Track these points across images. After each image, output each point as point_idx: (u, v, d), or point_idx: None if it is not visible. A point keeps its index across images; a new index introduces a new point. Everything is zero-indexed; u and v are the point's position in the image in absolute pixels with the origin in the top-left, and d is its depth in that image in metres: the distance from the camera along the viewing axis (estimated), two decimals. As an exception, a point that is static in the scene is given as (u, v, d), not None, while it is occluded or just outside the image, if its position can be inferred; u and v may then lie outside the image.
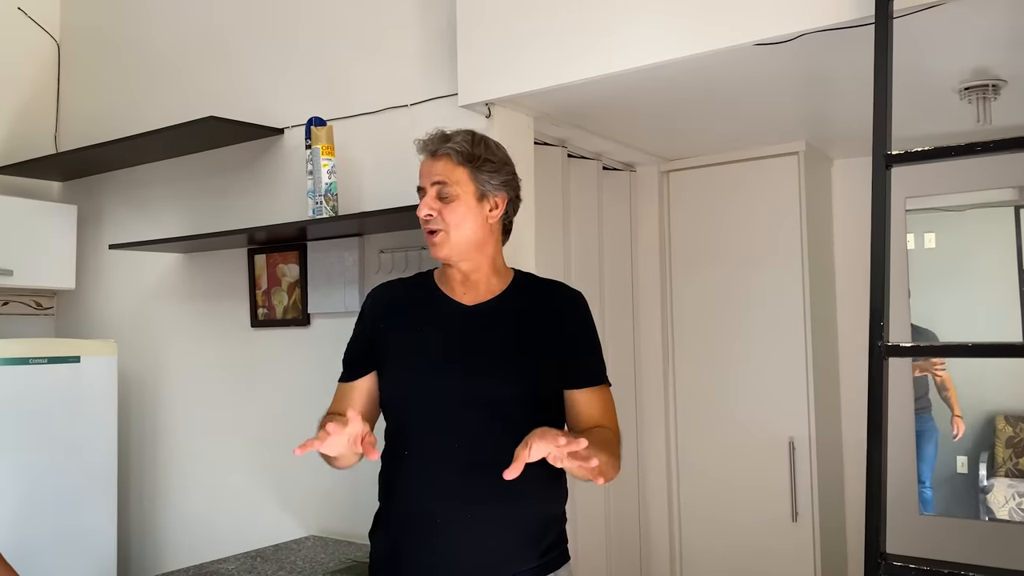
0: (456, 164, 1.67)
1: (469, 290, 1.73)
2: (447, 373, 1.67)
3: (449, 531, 1.62)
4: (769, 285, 2.87)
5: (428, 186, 1.68)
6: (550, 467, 1.61)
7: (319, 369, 2.60)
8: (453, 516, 1.62)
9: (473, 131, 1.73)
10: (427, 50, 2.39)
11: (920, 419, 3.02)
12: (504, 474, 1.35)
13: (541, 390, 1.68)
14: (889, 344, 1.36)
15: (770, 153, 2.88)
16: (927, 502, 3.05)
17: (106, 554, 2.81)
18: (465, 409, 1.64)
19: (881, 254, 1.40)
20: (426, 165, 1.70)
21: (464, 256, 1.69)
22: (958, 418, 3.04)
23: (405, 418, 1.71)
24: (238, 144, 2.81)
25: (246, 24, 2.85)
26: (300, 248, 2.64)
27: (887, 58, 1.48)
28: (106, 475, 2.83)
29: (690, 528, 3.00)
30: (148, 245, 2.74)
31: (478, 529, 1.61)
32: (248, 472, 2.77)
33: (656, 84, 2.15)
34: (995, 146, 1.34)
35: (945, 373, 3.02)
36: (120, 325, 3.15)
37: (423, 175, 1.70)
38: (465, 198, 1.67)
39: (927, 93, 2.29)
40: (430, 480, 1.66)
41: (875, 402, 1.34)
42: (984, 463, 3.03)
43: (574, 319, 1.76)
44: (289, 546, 2.45)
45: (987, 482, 3.02)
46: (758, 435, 2.85)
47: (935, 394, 3.05)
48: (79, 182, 3.34)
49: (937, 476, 3.06)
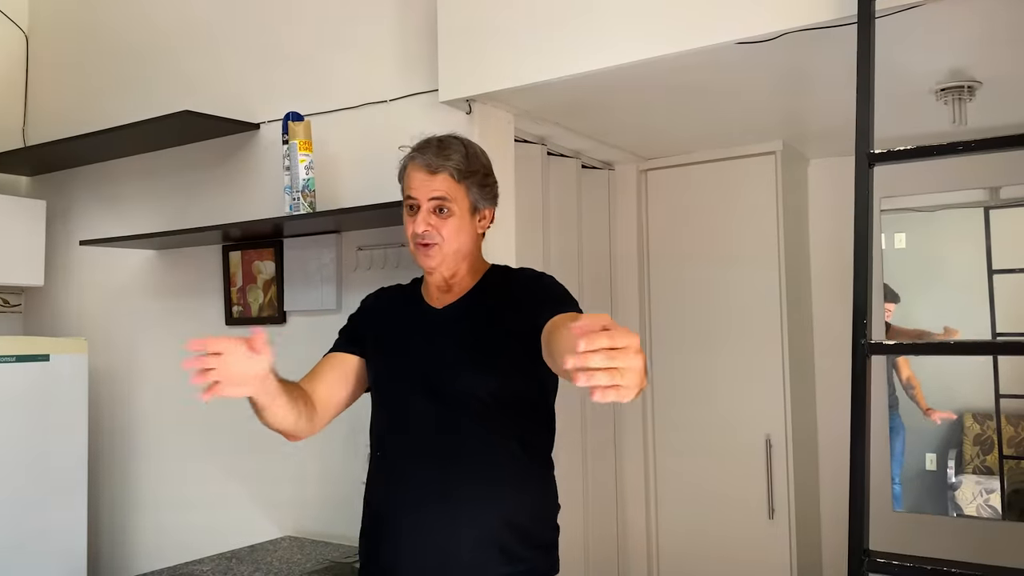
0: (455, 181, 1.68)
1: (444, 294, 1.76)
2: (408, 377, 1.69)
3: (412, 532, 1.63)
4: (746, 284, 2.88)
5: (424, 200, 1.67)
6: (522, 469, 1.64)
7: (295, 368, 2.55)
8: (415, 517, 1.63)
9: (464, 140, 1.74)
10: (407, 45, 2.37)
11: (888, 416, 3.05)
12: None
13: (502, 389, 1.65)
14: (872, 342, 1.36)
15: (748, 152, 2.89)
16: (896, 498, 3.08)
17: (76, 556, 2.75)
18: (424, 411, 1.66)
19: (864, 253, 1.40)
20: (422, 179, 1.68)
21: (451, 265, 1.72)
22: (931, 410, 3.06)
23: (378, 421, 1.77)
24: (213, 139, 2.76)
25: (222, 16, 2.80)
26: (276, 245, 2.61)
27: (870, 58, 1.48)
28: (76, 475, 2.77)
29: (667, 525, 3.01)
30: (120, 241, 2.69)
31: (441, 532, 1.61)
32: (222, 472, 2.73)
33: (636, 82, 2.14)
34: (976, 146, 1.35)
35: (911, 371, 3.04)
36: (91, 323, 3.09)
37: (418, 188, 1.68)
38: (461, 213, 1.69)
39: (904, 94, 2.30)
40: (394, 482, 1.69)
41: (858, 400, 1.34)
42: (952, 460, 3.06)
43: (531, 292, 1.68)
44: (265, 547, 2.41)
45: (955, 479, 3.06)
46: (735, 433, 2.87)
47: (902, 392, 3.08)
48: (49, 177, 3.28)
49: (906, 473, 3.08)
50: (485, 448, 1.64)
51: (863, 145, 1.45)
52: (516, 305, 1.66)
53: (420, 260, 1.71)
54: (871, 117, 1.49)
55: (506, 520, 1.62)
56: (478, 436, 1.64)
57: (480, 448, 1.64)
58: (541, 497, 1.72)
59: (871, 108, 1.48)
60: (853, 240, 1.44)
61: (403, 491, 1.66)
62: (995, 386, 2.93)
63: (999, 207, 2.98)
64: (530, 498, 1.68)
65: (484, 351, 1.66)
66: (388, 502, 1.69)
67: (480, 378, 1.64)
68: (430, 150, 1.69)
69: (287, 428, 1.63)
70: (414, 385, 1.68)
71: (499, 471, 1.64)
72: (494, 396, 1.64)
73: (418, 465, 1.65)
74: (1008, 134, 1.36)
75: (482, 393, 1.63)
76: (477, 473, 1.62)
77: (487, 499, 1.61)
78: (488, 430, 1.64)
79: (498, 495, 1.62)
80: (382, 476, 1.73)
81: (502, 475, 1.64)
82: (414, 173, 1.69)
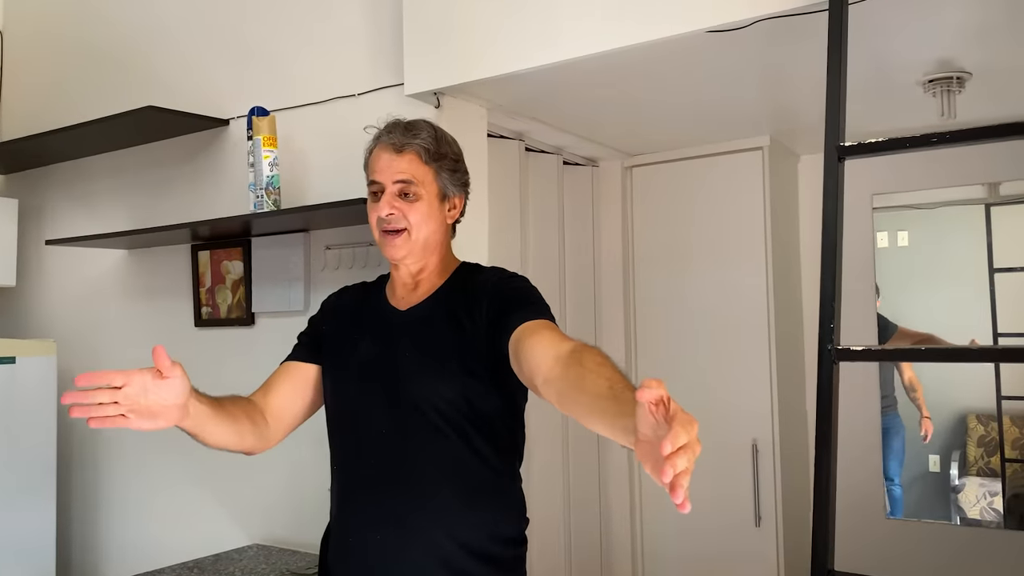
0: (422, 162, 1.56)
1: (409, 292, 1.62)
2: (363, 384, 1.57)
3: (361, 552, 1.53)
4: (733, 284, 2.80)
5: (389, 183, 1.55)
6: (483, 484, 1.52)
7: (264, 371, 2.49)
8: (365, 537, 1.53)
9: (433, 124, 1.63)
10: (376, 38, 2.29)
11: (886, 416, 2.97)
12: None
13: (464, 399, 1.51)
14: (840, 348, 1.27)
15: (734, 148, 2.80)
16: (896, 500, 3.00)
17: (45, 561, 2.68)
18: (378, 423, 1.54)
19: (832, 251, 1.32)
20: (387, 159, 1.56)
21: (419, 258, 1.59)
22: (927, 419, 3.00)
23: (332, 431, 1.65)
24: (184, 136, 2.69)
25: (192, 13, 2.73)
26: (245, 244, 2.54)
27: (841, 45, 1.40)
28: (44, 480, 2.70)
29: (652, 533, 2.92)
30: (86, 241, 2.62)
31: (392, 554, 1.50)
32: (193, 478, 2.66)
33: (610, 75, 2.06)
34: (951, 137, 1.26)
35: (912, 373, 2.97)
36: (62, 324, 3.03)
37: (382, 170, 1.57)
38: (428, 198, 1.57)
39: (891, 87, 2.22)
40: (346, 499, 1.59)
41: (824, 409, 1.25)
42: (956, 462, 2.98)
43: (501, 294, 1.53)
44: (230, 555, 2.34)
45: (958, 481, 2.98)
46: (721, 438, 2.78)
47: (902, 392, 3.00)
48: (21, 175, 3.21)
49: (907, 475, 3.01)
50: (443, 464, 1.51)
51: (832, 138, 1.36)
52: (483, 308, 1.52)
53: (386, 251, 1.58)
54: (842, 108, 1.40)
55: (462, 542, 1.50)
56: (436, 451, 1.51)
57: (438, 464, 1.51)
58: (504, 513, 1.58)
59: (842, 98, 1.40)
60: (821, 239, 1.35)
61: (353, 510, 1.57)
62: (997, 388, 2.86)
63: (1000, 204, 2.90)
64: (491, 516, 1.55)
65: (446, 357, 1.52)
66: (340, 519, 1.61)
67: (440, 387, 1.51)
68: (397, 130, 1.59)
69: (230, 447, 1.54)
70: (369, 393, 1.56)
71: (458, 488, 1.51)
72: (455, 407, 1.50)
73: (369, 482, 1.54)
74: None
75: (442, 404, 1.50)
76: (433, 492, 1.50)
77: (442, 520, 1.50)
78: (447, 444, 1.51)
79: (455, 515, 1.50)
80: (336, 490, 1.63)
81: (461, 493, 1.51)
82: (379, 154, 1.58)
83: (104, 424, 1.21)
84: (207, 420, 1.40)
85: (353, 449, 1.60)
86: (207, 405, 1.41)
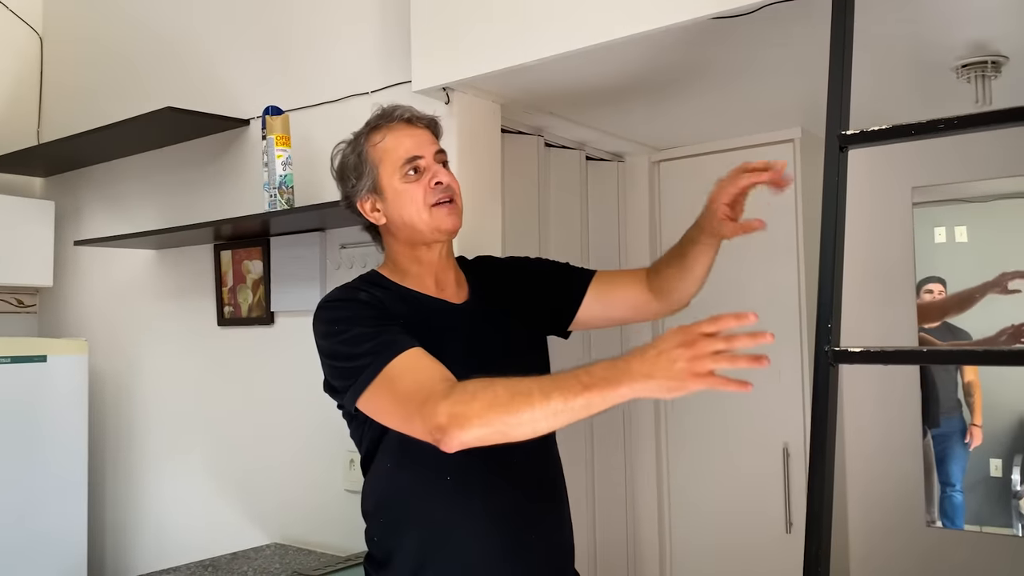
0: (437, 138, 1.58)
1: (444, 286, 1.57)
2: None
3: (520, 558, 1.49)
4: (764, 281, 2.70)
5: (431, 155, 1.53)
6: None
7: (283, 371, 2.50)
8: (521, 543, 1.49)
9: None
10: (386, 34, 2.27)
11: (948, 420, 2.84)
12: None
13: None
14: (837, 349, 1.20)
15: (764, 141, 2.70)
16: (957, 507, 2.87)
17: (76, 557, 2.74)
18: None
19: (831, 247, 1.24)
20: (416, 133, 1.54)
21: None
22: (976, 427, 2.86)
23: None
24: (208, 136, 2.71)
25: (222, 15, 2.75)
26: (264, 244, 2.54)
27: (845, 25, 1.31)
28: (76, 478, 2.76)
29: (680, 537, 2.84)
30: (112, 241, 2.66)
31: (543, 555, 1.53)
32: (216, 476, 2.68)
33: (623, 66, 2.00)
34: (959, 123, 1.18)
35: (974, 377, 2.83)
36: (95, 323, 3.09)
37: (418, 144, 1.53)
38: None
39: (920, 72, 2.10)
40: (496, 507, 1.48)
41: (820, 415, 1.18)
42: (1018, 467, 2.84)
43: (522, 269, 1.72)
44: (247, 554, 2.35)
45: (1020, 487, 2.84)
46: (751, 442, 2.68)
47: (963, 395, 2.87)
48: (59, 178, 3.29)
49: (968, 479, 2.87)
50: (555, 460, 1.63)
51: (834, 126, 1.28)
52: (517, 286, 1.64)
53: (445, 222, 1.49)
54: (846, 94, 1.32)
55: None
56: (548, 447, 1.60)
57: (553, 460, 1.62)
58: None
59: (846, 83, 1.32)
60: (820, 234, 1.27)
61: (510, 520, 1.49)
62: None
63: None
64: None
65: (530, 347, 1.60)
66: (483, 532, 1.48)
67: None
68: (401, 108, 1.57)
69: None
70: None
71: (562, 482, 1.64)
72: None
73: (516, 491, 1.50)
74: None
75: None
76: (558, 489, 1.62)
77: (567, 522, 1.63)
78: (556, 455, 1.63)
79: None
80: (452, 495, 1.47)
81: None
82: (403, 134, 1.53)
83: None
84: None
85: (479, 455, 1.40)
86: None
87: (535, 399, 1.15)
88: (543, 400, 1.14)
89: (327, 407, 2.40)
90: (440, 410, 1.21)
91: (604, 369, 1.14)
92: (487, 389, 1.20)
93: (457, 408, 1.20)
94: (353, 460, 2.24)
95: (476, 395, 1.20)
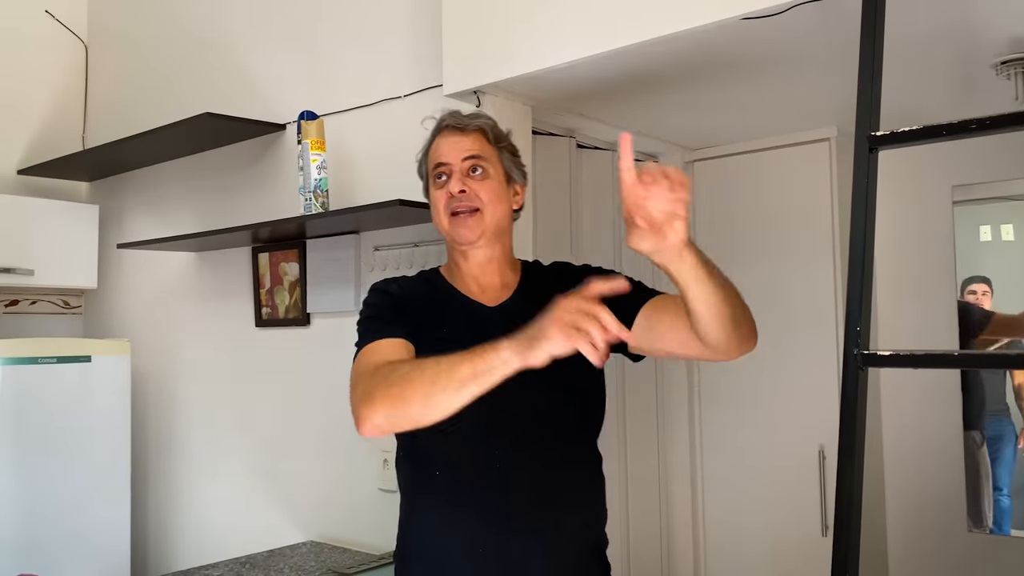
0: (487, 141, 1.55)
1: (485, 288, 1.57)
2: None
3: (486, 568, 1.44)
4: (800, 282, 2.67)
5: (458, 161, 1.52)
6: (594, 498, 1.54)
7: (319, 371, 2.54)
8: (490, 551, 1.44)
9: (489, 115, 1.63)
10: (418, 38, 2.29)
11: (997, 422, 2.78)
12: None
13: (581, 399, 1.52)
14: (867, 352, 1.19)
15: (799, 140, 2.68)
16: (1004, 512, 2.81)
17: (120, 553, 2.81)
18: (501, 435, 1.45)
19: (860, 251, 1.23)
20: (452, 140, 1.54)
21: (489, 242, 1.54)
22: None
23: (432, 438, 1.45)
24: (246, 141, 2.76)
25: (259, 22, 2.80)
26: (300, 246, 2.58)
27: (875, 24, 1.30)
28: (119, 476, 2.83)
29: (715, 541, 2.82)
30: (153, 244, 2.72)
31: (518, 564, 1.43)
32: (254, 475, 2.73)
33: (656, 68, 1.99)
34: (991, 123, 1.16)
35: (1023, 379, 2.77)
36: (138, 324, 3.16)
37: (448, 151, 1.53)
38: (497, 177, 1.55)
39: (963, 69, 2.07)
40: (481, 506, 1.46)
41: (848, 418, 1.17)
42: (1070, 471, 2.77)
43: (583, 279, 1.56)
44: (283, 552, 2.39)
45: (1071, 491, 2.77)
46: (786, 444, 2.66)
47: (1012, 397, 2.81)
48: (103, 182, 3.37)
49: (1016, 484, 2.81)
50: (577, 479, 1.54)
51: (864, 126, 1.27)
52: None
53: (458, 233, 1.50)
54: (876, 94, 1.30)
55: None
56: (568, 456, 1.51)
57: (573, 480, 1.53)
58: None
59: (877, 84, 1.30)
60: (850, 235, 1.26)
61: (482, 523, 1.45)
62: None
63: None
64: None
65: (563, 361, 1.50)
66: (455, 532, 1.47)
67: (568, 384, 1.46)
68: (457, 115, 1.58)
69: (434, 419, 1.26)
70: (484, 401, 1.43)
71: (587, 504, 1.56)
72: (582, 405, 1.52)
73: (498, 496, 1.45)
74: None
75: (572, 401, 1.51)
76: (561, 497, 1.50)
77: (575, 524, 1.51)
78: (572, 459, 1.53)
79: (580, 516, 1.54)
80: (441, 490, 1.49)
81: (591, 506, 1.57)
82: (442, 139, 1.55)
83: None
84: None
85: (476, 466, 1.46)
86: None
87: (441, 369, 1.19)
88: (447, 373, 1.18)
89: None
90: (357, 389, 1.27)
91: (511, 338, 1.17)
92: (408, 368, 1.24)
93: (370, 386, 1.24)
94: (387, 460, 2.27)
95: (390, 374, 1.24)
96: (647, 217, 1.18)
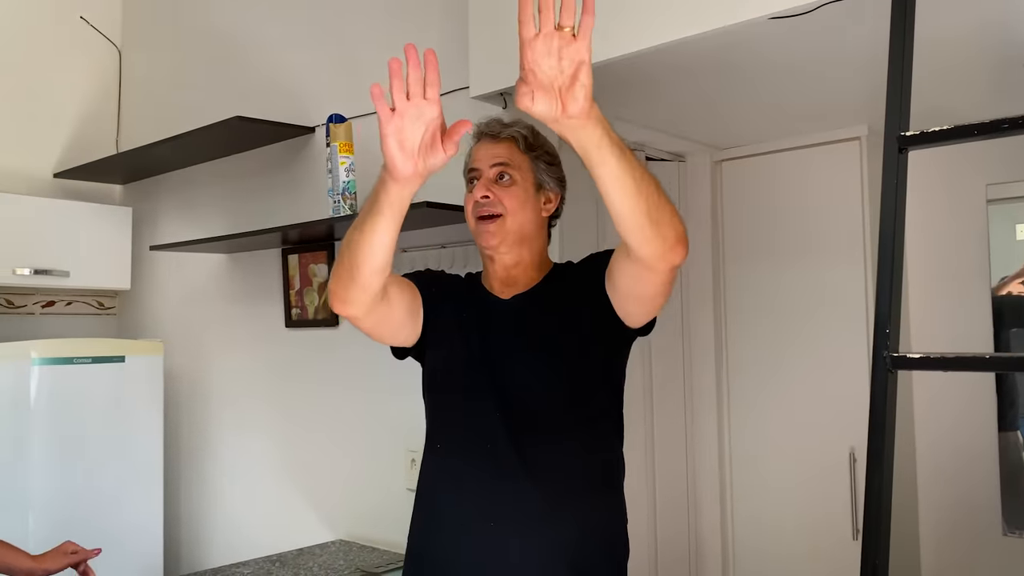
0: (519, 149, 1.61)
1: (507, 287, 1.64)
2: (468, 373, 1.57)
3: (475, 543, 1.51)
4: (830, 282, 2.65)
5: (487, 168, 1.60)
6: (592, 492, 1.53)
7: (347, 371, 2.56)
8: (476, 527, 1.52)
9: (530, 123, 1.63)
10: (443, 42, 2.30)
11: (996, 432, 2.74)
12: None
13: (572, 386, 1.53)
14: (896, 355, 1.17)
15: (829, 139, 2.65)
16: None
17: (153, 553, 2.85)
18: (486, 417, 1.53)
19: (890, 251, 1.22)
20: (485, 147, 1.62)
21: (511, 247, 1.59)
22: None
23: (433, 415, 1.66)
24: (277, 144, 2.79)
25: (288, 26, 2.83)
26: (329, 248, 2.61)
27: (904, 24, 1.29)
28: (152, 475, 2.87)
29: (743, 545, 2.80)
30: (183, 246, 2.77)
31: (499, 543, 1.49)
32: (284, 474, 2.76)
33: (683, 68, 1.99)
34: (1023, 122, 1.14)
35: None
36: (172, 325, 3.21)
37: (480, 158, 1.62)
38: (524, 184, 1.60)
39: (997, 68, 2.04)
40: (454, 489, 1.57)
41: (878, 422, 1.16)
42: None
43: (592, 268, 1.55)
44: (313, 551, 2.41)
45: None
46: (816, 446, 2.63)
47: None
48: (136, 185, 3.43)
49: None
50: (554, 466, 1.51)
51: (894, 126, 1.26)
52: (583, 287, 1.54)
53: (481, 238, 1.58)
54: (906, 94, 1.29)
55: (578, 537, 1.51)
56: (546, 442, 1.51)
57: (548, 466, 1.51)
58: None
59: (907, 84, 1.29)
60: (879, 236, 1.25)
61: (461, 503, 1.55)
62: None
63: None
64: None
65: (556, 348, 1.54)
66: (446, 511, 1.57)
67: (550, 375, 1.53)
68: (495, 122, 1.65)
69: (375, 260, 1.36)
70: (474, 382, 1.55)
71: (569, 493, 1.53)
72: (563, 395, 1.53)
73: (474, 480, 1.53)
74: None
75: (550, 392, 1.53)
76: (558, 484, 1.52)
77: (559, 514, 1.50)
78: (556, 443, 1.52)
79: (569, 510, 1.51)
80: (441, 477, 1.60)
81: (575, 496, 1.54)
82: (479, 145, 1.64)
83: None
84: (401, 215, 1.33)
85: (458, 444, 1.59)
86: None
87: (357, 221, 1.36)
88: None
89: (390, 407, 2.46)
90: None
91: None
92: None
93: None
94: (414, 460, 2.29)
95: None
96: (544, 77, 1.12)
